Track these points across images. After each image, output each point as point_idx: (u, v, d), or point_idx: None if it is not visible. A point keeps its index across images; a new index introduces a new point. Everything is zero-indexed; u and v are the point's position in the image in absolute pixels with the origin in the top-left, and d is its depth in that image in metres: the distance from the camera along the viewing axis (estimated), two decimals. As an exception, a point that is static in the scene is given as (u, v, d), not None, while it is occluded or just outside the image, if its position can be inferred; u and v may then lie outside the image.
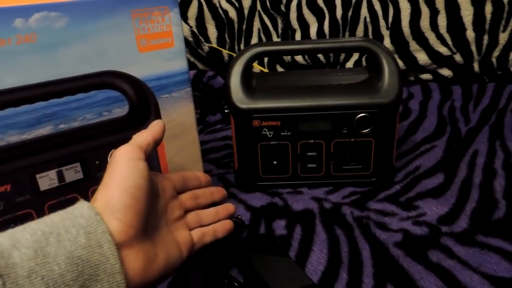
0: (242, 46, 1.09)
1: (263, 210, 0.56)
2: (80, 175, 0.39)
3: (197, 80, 0.94)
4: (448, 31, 0.92)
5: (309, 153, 0.58)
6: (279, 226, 0.52)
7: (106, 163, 0.40)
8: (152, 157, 0.42)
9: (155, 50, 0.39)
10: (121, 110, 0.39)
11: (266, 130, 0.57)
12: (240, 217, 0.52)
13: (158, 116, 0.41)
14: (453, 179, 0.60)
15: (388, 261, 0.46)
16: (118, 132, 0.40)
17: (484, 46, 0.92)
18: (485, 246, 0.47)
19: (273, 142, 0.57)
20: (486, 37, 0.91)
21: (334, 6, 0.98)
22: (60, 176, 0.38)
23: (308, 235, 0.50)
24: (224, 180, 0.64)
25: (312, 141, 0.57)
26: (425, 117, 0.81)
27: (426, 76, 0.98)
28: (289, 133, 0.57)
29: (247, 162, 0.59)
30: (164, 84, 0.40)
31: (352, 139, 0.57)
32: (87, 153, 0.39)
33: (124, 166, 0.32)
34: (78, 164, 0.39)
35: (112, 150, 0.34)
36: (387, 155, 0.58)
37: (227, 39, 1.09)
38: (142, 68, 0.39)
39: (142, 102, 0.39)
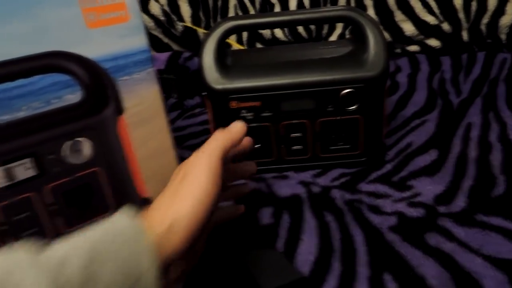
0: (219, 25, 1.04)
1: (247, 198, 0.52)
2: (32, 172, 0.35)
3: (173, 62, 0.89)
4: (435, -2, 0.88)
5: (293, 135, 0.54)
6: (265, 215, 0.49)
7: (61, 156, 0.35)
8: (115, 151, 0.37)
9: (107, 25, 0.34)
10: (73, 97, 0.34)
11: (245, 111, 0.52)
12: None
13: (118, 101, 0.36)
14: (447, 155, 0.56)
15: (383, 248, 0.43)
16: (73, 121, 0.35)
17: (473, 13, 0.88)
18: (486, 226, 0.43)
19: (253, 124, 0.53)
20: (474, 3, 0.87)
21: (314, -23, 0.92)
22: (9, 174, 0.34)
23: (296, 223, 0.47)
24: (204, 168, 0.59)
25: (296, 121, 0.53)
26: (414, 91, 0.77)
27: (414, 48, 0.94)
28: (270, 114, 0.53)
29: (226, 147, 0.55)
30: (122, 64, 0.35)
31: (338, 117, 0.53)
32: (38, 146, 0.34)
33: (204, 183, 0.31)
34: (28, 160, 0.34)
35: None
36: (377, 132, 0.54)
37: (202, 17, 1.03)
38: (93, 47, 0.33)
39: (97, 86, 0.34)
